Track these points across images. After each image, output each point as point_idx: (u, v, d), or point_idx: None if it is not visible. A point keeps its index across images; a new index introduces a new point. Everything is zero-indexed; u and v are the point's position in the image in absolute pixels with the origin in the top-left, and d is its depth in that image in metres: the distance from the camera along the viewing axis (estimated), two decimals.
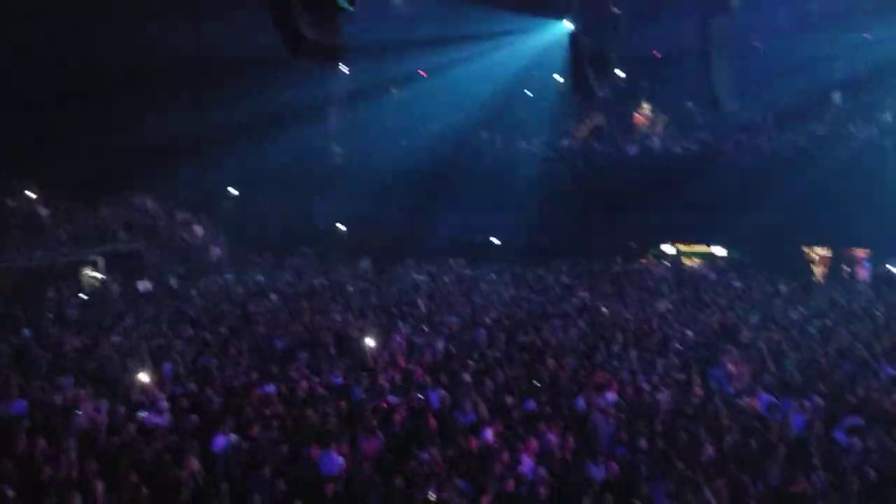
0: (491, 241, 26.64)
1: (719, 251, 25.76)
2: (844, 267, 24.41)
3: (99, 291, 20.79)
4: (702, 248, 26.20)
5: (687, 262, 26.03)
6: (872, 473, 8.57)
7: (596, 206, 25.07)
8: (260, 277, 23.22)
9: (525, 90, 29.45)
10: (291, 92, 25.12)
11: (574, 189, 25.69)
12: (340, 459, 9.01)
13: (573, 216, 25.19)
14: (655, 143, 27.00)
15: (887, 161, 22.49)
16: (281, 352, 14.17)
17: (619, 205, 24.70)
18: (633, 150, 26.88)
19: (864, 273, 23.94)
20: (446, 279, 22.98)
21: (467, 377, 12.21)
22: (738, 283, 21.79)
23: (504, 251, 26.31)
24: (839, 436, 9.87)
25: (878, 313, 17.56)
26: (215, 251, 26.23)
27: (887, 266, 23.29)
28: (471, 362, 13.13)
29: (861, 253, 24.28)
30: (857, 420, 10.28)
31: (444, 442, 9.51)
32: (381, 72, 28.28)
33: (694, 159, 25.32)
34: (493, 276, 23.61)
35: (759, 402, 11.30)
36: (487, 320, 16.75)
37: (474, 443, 9.58)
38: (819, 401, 11.14)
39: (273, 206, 27.94)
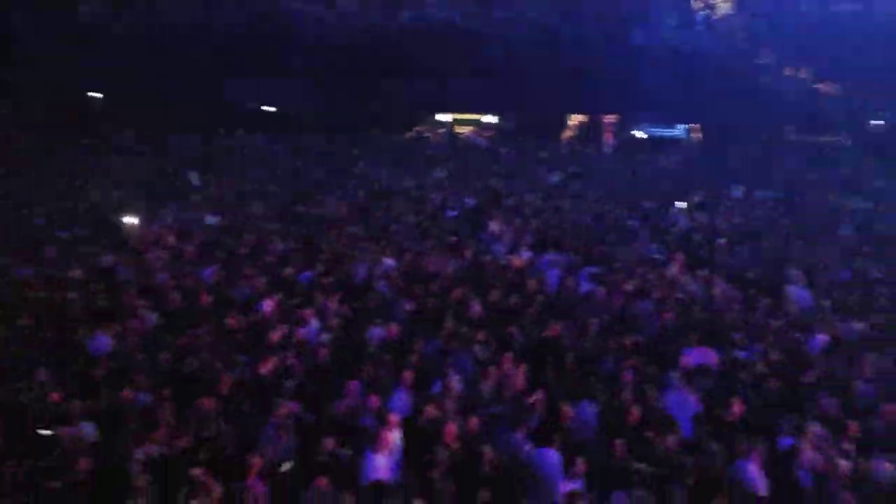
0: (267, 110, 25.53)
1: (489, 118, 26.90)
2: (596, 132, 26.64)
3: None
4: (473, 116, 27.18)
5: (460, 129, 26.95)
6: (607, 317, 9.82)
7: (374, 75, 24.79)
8: None
9: None
10: None
11: (352, 56, 25.12)
12: (107, 340, 8.61)
13: (353, 84, 24.76)
14: (428, 9, 26.89)
15: (636, 31, 24.30)
16: (38, 232, 12.95)
17: (396, 73, 24.61)
18: (405, 16, 26.62)
19: (611, 138, 26.34)
20: (221, 149, 21.92)
21: (243, 251, 12.03)
22: (504, 150, 23.09)
23: (283, 120, 25.38)
24: (583, 284, 11.11)
25: (624, 174, 19.60)
26: None
27: (632, 132, 25.81)
28: (247, 236, 12.89)
29: (610, 119, 26.57)
30: (596, 269, 11.63)
31: (219, 317, 9.38)
32: None
33: (465, 28, 25.67)
34: (273, 146, 22.91)
35: (520, 259, 12.34)
36: (265, 193, 16.39)
37: (251, 316, 9.56)
38: (572, 256, 12.42)
39: (24, 70, 24.10)
